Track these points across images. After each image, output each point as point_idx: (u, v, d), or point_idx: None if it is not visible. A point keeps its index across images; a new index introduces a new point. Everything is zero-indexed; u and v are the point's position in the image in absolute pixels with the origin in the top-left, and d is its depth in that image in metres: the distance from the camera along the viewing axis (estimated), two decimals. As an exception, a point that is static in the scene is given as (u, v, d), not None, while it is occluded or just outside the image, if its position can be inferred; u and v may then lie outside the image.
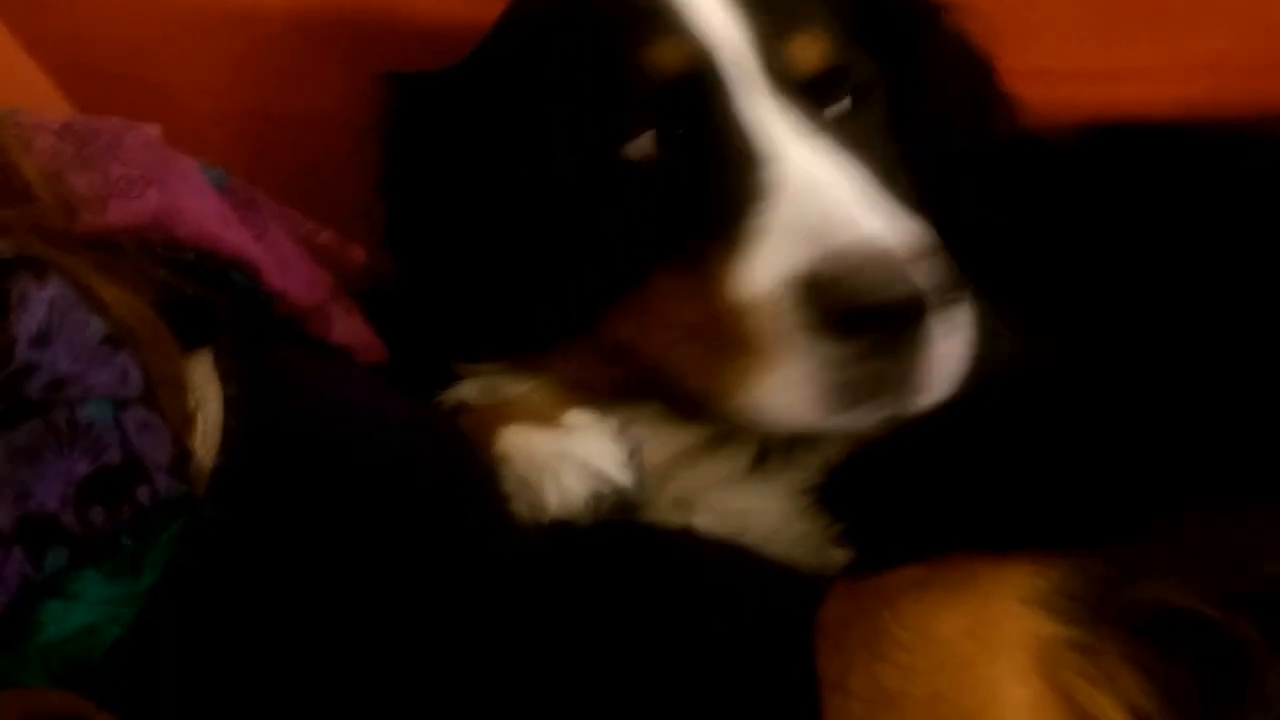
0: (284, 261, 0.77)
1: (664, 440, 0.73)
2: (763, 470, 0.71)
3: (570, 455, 0.68)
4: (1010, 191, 0.84)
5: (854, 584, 0.57)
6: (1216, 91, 1.00)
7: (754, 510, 0.71)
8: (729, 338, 0.63)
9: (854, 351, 0.60)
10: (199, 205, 0.73)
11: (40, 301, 0.57)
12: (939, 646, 0.53)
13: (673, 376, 0.68)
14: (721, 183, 0.67)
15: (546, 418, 0.72)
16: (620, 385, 0.73)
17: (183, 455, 0.58)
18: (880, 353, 0.60)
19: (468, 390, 0.77)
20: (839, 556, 0.66)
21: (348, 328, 0.79)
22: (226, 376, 0.62)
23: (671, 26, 0.71)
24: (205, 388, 0.63)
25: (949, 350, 0.62)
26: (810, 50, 0.73)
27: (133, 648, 0.52)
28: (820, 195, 0.65)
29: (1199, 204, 0.82)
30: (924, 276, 0.61)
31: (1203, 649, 0.50)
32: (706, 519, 0.71)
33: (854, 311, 0.59)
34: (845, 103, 0.74)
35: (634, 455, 0.70)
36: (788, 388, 0.61)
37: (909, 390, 0.62)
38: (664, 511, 0.71)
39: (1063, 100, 0.95)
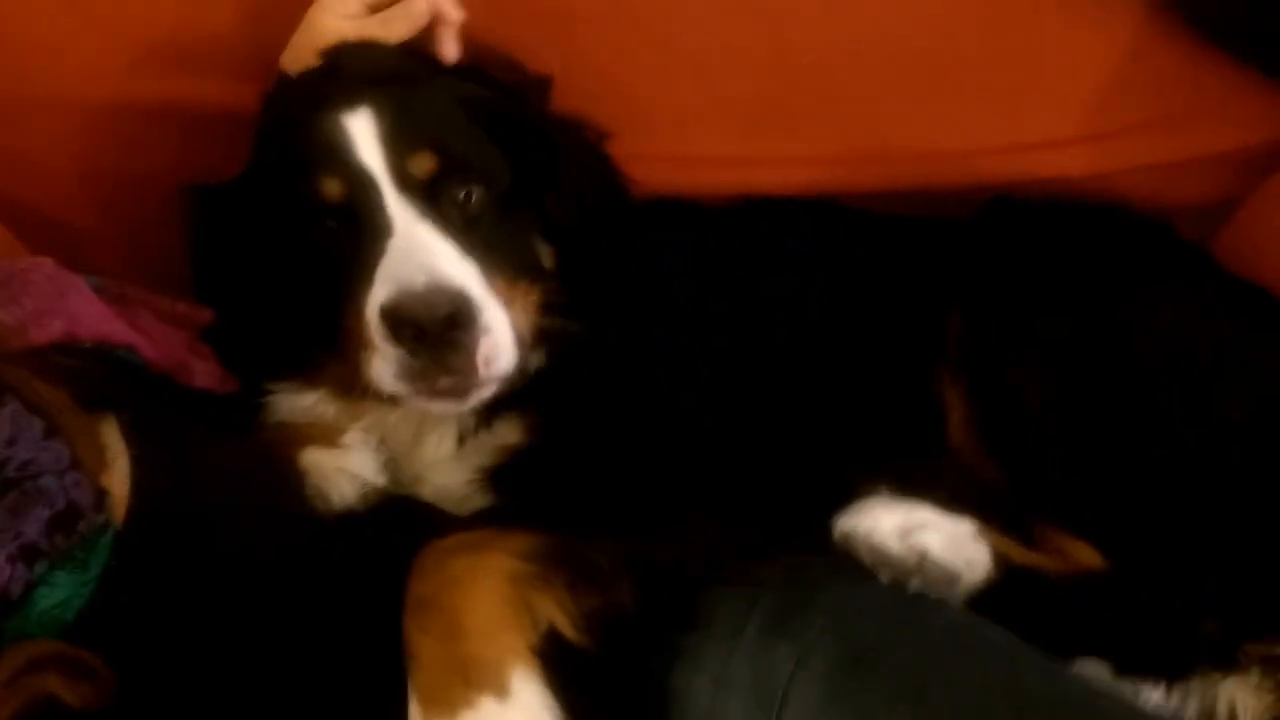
0: (152, 336, 1.15)
1: (407, 438, 1.14)
2: (459, 456, 1.12)
3: (344, 470, 1.08)
4: (658, 243, 1.25)
5: (431, 542, 0.94)
6: (828, 178, 1.33)
7: (450, 487, 1.11)
8: (365, 342, 1.03)
9: (409, 351, 1.00)
10: (90, 312, 1.10)
11: (5, 417, 0.96)
12: (447, 570, 0.91)
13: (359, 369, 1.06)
14: (367, 250, 1.04)
15: (331, 440, 1.11)
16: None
17: (101, 495, 0.97)
18: (424, 352, 0.99)
19: (277, 409, 1.17)
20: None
21: (205, 373, 1.17)
22: (129, 440, 1.01)
23: (337, 161, 1.06)
24: (114, 443, 1.02)
25: (487, 345, 1.01)
26: (424, 164, 1.08)
27: (90, 612, 0.93)
28: (408, 257, 1.02)
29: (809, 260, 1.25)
30: (454, 305, 0.98)
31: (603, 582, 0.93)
32: (428, 492, 1.12)
33: (405, 327, 0.99)
34: (463, 195, 1.09)
35: (388, 463, 1.11)
36: (383, 371, 1.02)
37: (460, 373, 1.01)
38: (405, 486, 1.13)
39: (705, 183, 1.30)
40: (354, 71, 1.13)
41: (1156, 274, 1.20)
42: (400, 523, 1.09)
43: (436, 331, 0.99)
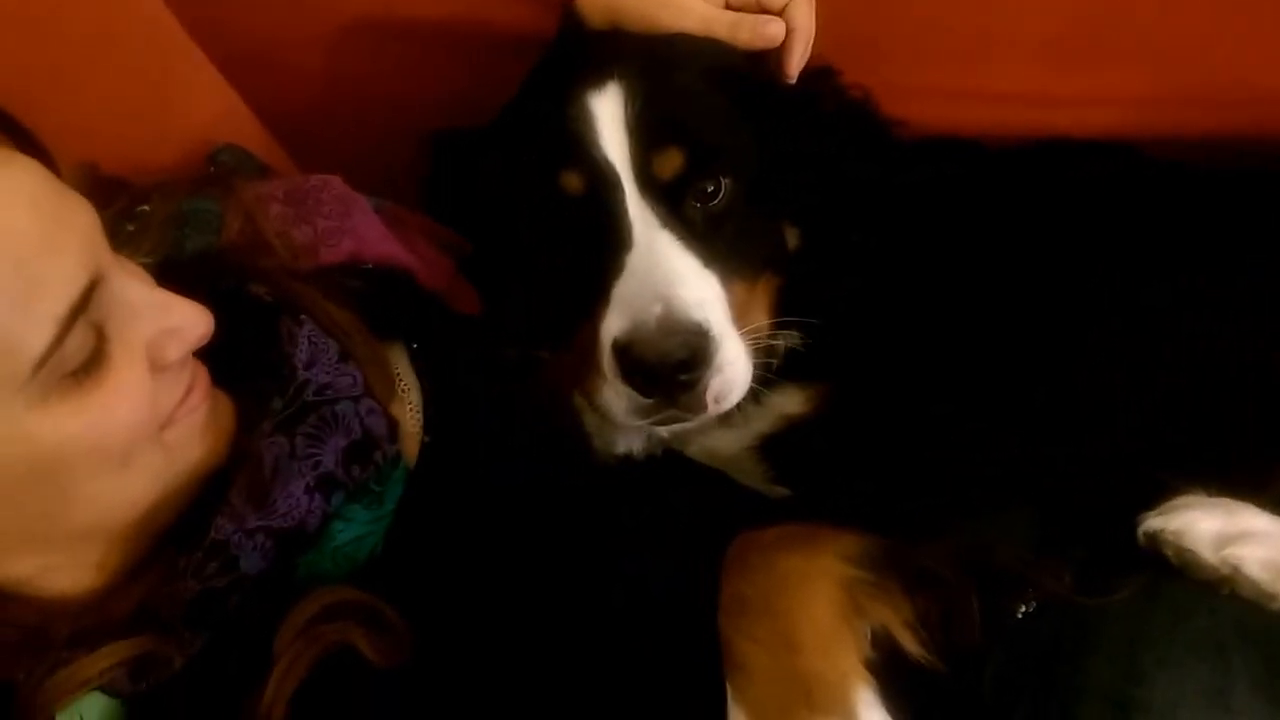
0: (425, 259, 1.10)
1: None
2: (726, 425, 1.04)
3: None
4: (949, 188, 1.14)
5: (748, 534, 0.88)
6: (1139, 121, 1.19)
7: (720, 450, 1.05)
8: (597, 366, 0.96)
9: (639, 391, 0.93)
10: (373, 234, 1.06)
11: (303, 337, 0.91)
12: (775, 572, 0.84)
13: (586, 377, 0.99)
14: (605, 259, 0.96)
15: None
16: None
17: (394, 425, 0.93)
18: (654, 391, 0.93)
19: None
20: (776, 490, 1.03)
21: (467, 300, 1.13)
22: (420, 372, 0.97)
23: (580, 153, 0.97)
24: (406, 373, 0.98)
25: (718, 384, 0.93)
26: (670, 163, 0.98)
27: (385, 550, 0.89)
28: (646, 280, 0.94)
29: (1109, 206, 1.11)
30: (689, 349, 0.91)
31: (943, 590, 0.85)
32: (693, 452, 1.06)
33: (636, 368, 0.92)
34: (710, 189, 0.99)
35: None
36: (612, 402, 0.95)
37: (689, 411, 0.94)
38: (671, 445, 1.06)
39: (991, 121, 1.18)
40: (614, 41, 1.05)
41: None
42: (679, 477, 1.03)
43: (668, 375, 0.92)
